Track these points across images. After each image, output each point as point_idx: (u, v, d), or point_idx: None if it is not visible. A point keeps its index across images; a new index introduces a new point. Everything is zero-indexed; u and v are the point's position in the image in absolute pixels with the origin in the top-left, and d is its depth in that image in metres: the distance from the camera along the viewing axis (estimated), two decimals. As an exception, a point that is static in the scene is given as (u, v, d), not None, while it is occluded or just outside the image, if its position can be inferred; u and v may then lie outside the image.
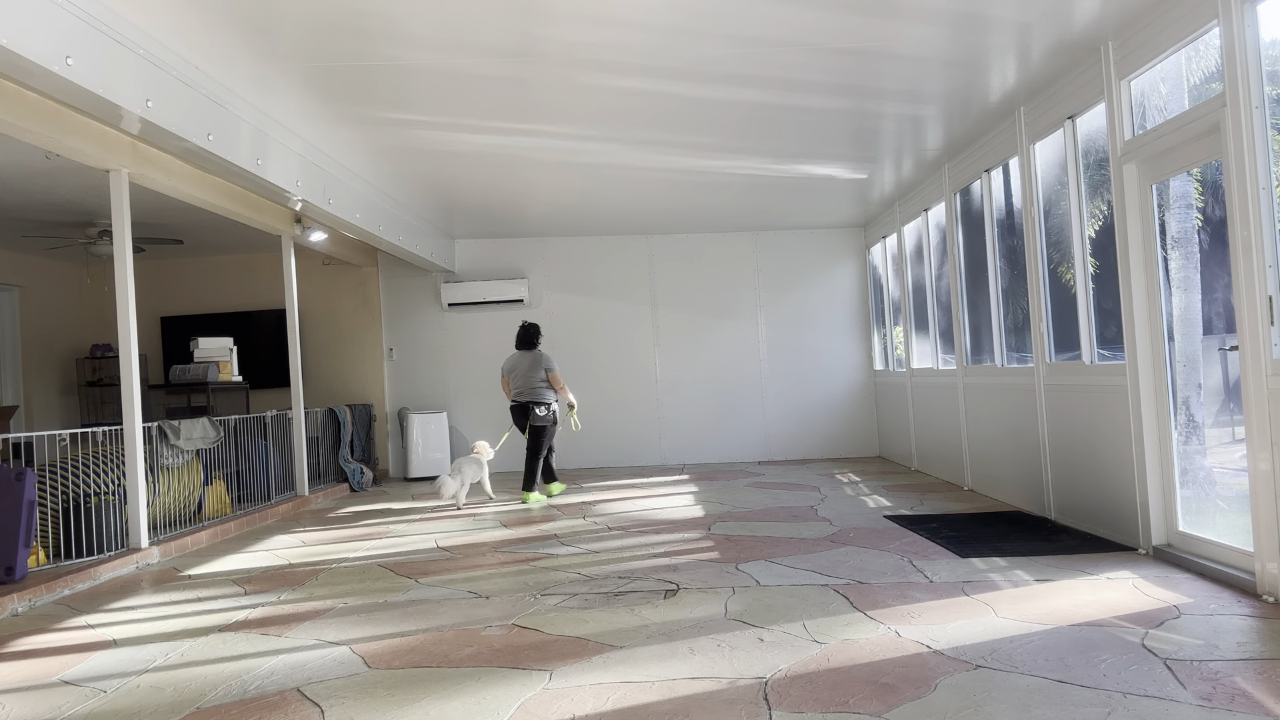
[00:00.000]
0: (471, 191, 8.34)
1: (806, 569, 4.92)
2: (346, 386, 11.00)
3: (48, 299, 10.51)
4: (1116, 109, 5.06)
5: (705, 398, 11.00)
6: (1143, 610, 3.87)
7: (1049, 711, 2.82)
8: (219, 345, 9.47)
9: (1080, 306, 5.65)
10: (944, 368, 8.39)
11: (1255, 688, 2.94)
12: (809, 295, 11.10)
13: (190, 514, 6.99)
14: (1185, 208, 4.94)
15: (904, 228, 9.45)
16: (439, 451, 10.45)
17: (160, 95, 4.68)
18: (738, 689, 3.14)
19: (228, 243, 10.21)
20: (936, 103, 6.19)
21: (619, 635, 3.85)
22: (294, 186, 6.33)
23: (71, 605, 4.88)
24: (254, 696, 3.29)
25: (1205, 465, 4.97)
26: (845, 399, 11.06)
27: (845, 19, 4.69)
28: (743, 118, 6.34)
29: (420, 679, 3.41)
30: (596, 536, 6.22)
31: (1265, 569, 3.99)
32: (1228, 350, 4.69)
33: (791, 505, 7.21)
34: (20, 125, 4.81)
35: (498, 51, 4.95)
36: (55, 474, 5.78)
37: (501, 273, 10.95)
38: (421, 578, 5.18)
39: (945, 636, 3.62)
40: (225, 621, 4.39)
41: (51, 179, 7.11)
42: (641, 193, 8.68)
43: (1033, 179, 6.20)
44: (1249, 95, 3.96)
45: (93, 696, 3.39)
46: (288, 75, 5.22)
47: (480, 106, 5.86)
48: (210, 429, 7.16)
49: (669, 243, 11.05)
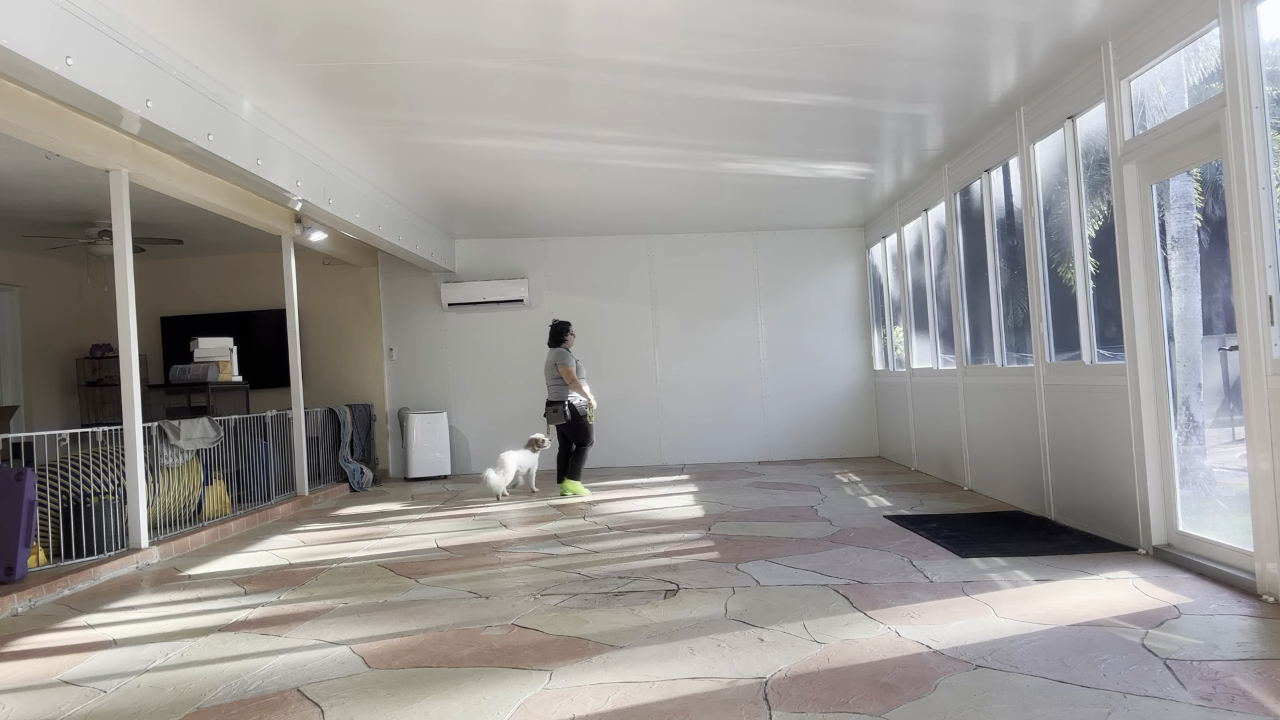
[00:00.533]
0: (471, 191, 8.34)
1: (806, 569, 4.92)
2: (346, 386, 11.00)
3: (48, 299, 10.51)
4: (1116, 109, 5.06)
5: (705, 398, 11.00)
6: (1143, 610, 3.87)
7: (1049, 711, 2.82)
8: (219, 345, 9.47)
9: (1080, 306, 5.65)
10: (944, 368, 8.39)
11: (1255, 688, 2.94)
12: (809, 295, 11.10)
13: (190, 514, 6.99)
14: (1185, 208, 4.94)
15: (904, 228, 9.45)
16: (439, 451, 10.45)
17: (160, 95, 4.68)
18: (738, 689, 3.14)
19: (228, 243, 10.22)
20: (936, 103, 6.19)
21: (619, 635, 3.85)
22: (294, 186, 6.33)
23: (71, 605, 4.88)
24: (254, 696, 3.29)
25: (1205, 465, 4.97)
26: (845, 399, 11.06)
27: (845, 19, 4.69)
28: (743, 118, 6.34)
29: (420, 679, 3.41)
30: (596, 536, 6.22)
31: (1265, 569, 3.99)
32: (1228, 350, 4.69)
33: (791, 505, 7.21)
34: (20, 125, 4.81)
35: (498, 51, 4.95)
36: (55, 474, 5.78)
37: (501, 273, 10.95)
38: (421, 578, 5.18)
39: (945, 636, 3.62)
40: (225, 621, 4.39)
41: (51, 179, 7.11)
42: (641, 193, 8.68)
43: (1033, 179, 6.20)
44: (1249, 95, 3.96)
45: (93, 696, 3.39)
46: (288, 75, 5.22)
47: (480, 106, 5.86)
48: (210, 429, 7.16)
49: (669, 243, 11.05)
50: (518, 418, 10.83)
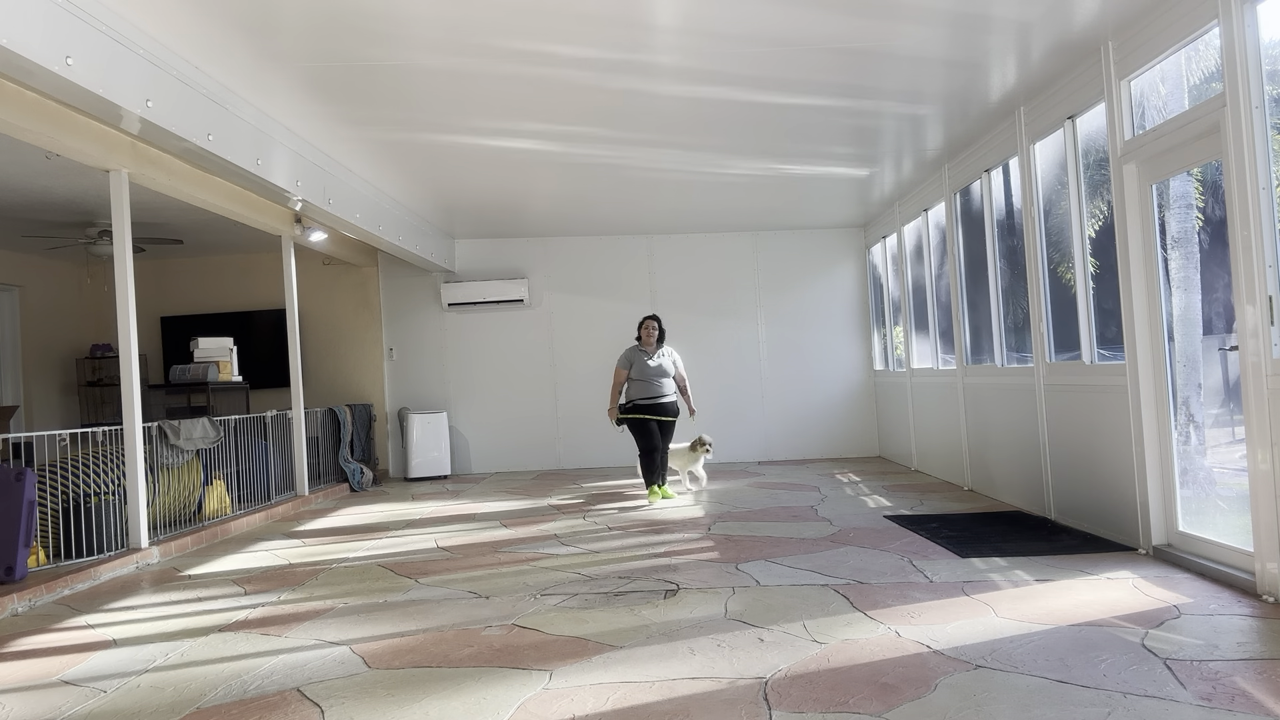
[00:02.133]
0: (471, 191, 8.34)
1: (806, 569, 4.92)
2: (346, 386, 11.00)
3: (48, 299, 10.51)
4: (1116, 109, 5.06)
5: (705, 398, 10.99)
6: (1143, 610, 3.87)
7: (1049, 711, 2.82)
8: (219, 345, 9.47)
9: (1080, 306, 5.65)
10: (944, 368, 8.39)
11: (1255, 688, 2.94)
12: (809, 295, 11.10)
13: (190, 514, 6.99)
14: (1185, 208, 4.94)
15: (904, 228, 9.45)
16: (439, 451, 10.45)
17: (160, 95, 4.68)
18: (738, 689, 3.14)
19: (228, 243, 10.22)
20: (936, 103, 6.19)
21: (619, 635, 3.85)
22: (294, 186, 6.33)
23: (71, 605, 4.88)
24: (254, 696, 3.29)
25: (1205, 465, 4.97)
26: (845, 399, 11.06)
27: (845, 19, 4.69)
28: (743, 118, 6.34)
29: (420, 679, 3.41)
30: (596, 536, 6.22)
31: (1265, 569, 3.99)
32: (1228, 350, 4.69)
33: (791, 505, 7.21)
34: (20, 125, 4.81)
35: (498, 52, 4.95)
36: (55, 474, 5.78)
37: (501, 273, 10.94)
38: (421, 578, 5.18)
39: (945, 636, 3.62)
40: (225, 621, 4.39)
41: (51, 179, 7.11)
42: (641, 193, 8.68)
43: (1033, 179, 6.20)
44: (1249, 95, 3.96)
45: (93, 696, 3.39)
46: (288, 75, 5.22)
47: (481, 106, 5.86)
48: (210, 429, 7.16)
49: (669, 243, 11.05)
50: (518, 418, 10.84)
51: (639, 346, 7.76)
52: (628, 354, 7.76)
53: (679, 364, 7.93)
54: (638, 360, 7.68)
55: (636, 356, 7.70)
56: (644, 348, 7.73)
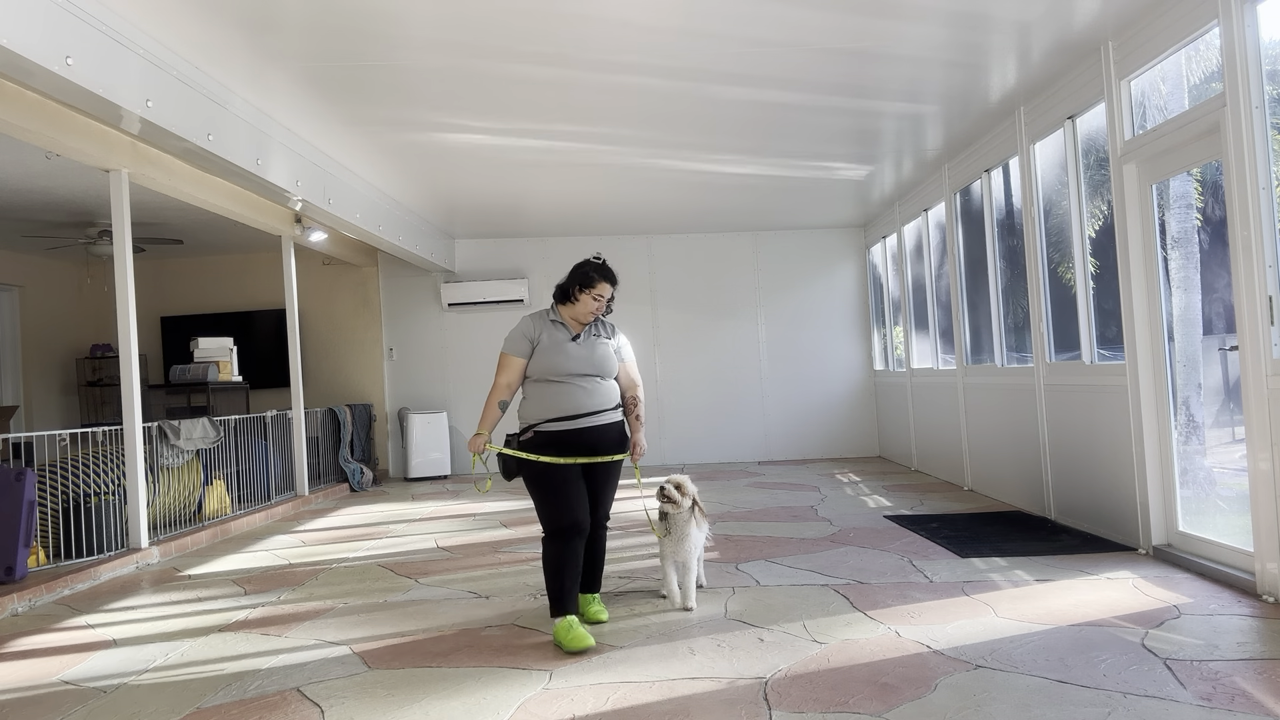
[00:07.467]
0: (472, 191, 8.34)
1: (806, 569, 4.92)
2: (346, 386, 11.00)
3: (48, 299, 10.51)
4: (1116, 109, 5.06)
5: (705, 397, 11.00)
6: (1143, 610, 3.87)
7: (1049, 711, 2.82)
8: (219, 345, 9.47)
9: (1080, 306, 5.65)
10: (944, 368, 8.39)
11: (1255, 688, 2.94)
12: (809, 295, 11.10)
13: (190, 514, 6.99)
14: (1185, 208, 4.94)
15: (904, 228, 9.45)
16: (439, 451, 10.45)
17: (160, 95, 4.68)
18: (737, 689, 3.14)
19: (228, 243, 10.22)
20: (936, 103, 6.19)
21: (619, 635, 3.85)
22: (294, 186, 6.33)
23: (71, 605, 4.88)
24: (254, 696, 3.29)
25: (1205, 465, 4.97)
26: (845, 399, 11.06)
27: (845, 19, 4.69)
28: (743, 118, 6.34)
29: (420, 679, 3.41)
30: (596, 536, 6.21)
31: (1265, 569, 3.99)
32: (1228, 350, 4.69)
33: (791, 505, 7.21)
34: (20, 125, 4.81)
35: (498, 52, 4.95)
36: (55, 474, 5.78)
37: (501, 273, 10.95)
38: (421, 578, 5.18)
39: (945, 636, 3.62)
40: (225, 621, 4.39)
41: (51, 179, 7.11)
42: (641, 193, 8.68)
43: (1033, 179, 6.20)
44: (1249, 95, 3.96)
45: (93, 696, 3.38)
46: (288, 75, 5.22)
47: (480, 106, 5.86)
48: (210, 429, 7.16)
49: (669, 243, 11.05)
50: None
51: (552, 317, 4.04)
52: (525, 327, 4.02)
53: (627, 359, 4.19)
54: (548, 341, 3.96)
55: (547, 334, 3.98)
56: (563, 319, 4.03)
